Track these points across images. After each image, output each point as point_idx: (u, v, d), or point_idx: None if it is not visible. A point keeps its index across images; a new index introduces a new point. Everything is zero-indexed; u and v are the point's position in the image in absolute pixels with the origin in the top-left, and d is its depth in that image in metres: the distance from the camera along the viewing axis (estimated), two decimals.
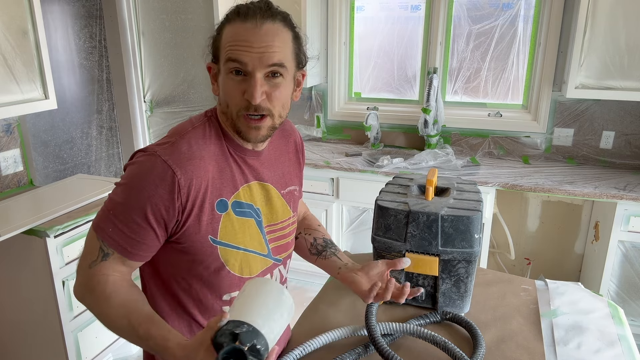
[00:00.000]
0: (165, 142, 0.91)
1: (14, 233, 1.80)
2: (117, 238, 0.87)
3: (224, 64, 0.89)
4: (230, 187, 0.95)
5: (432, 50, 2.91)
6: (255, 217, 1.00)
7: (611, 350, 1.08)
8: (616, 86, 2.35)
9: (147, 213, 0.86)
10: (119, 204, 0.87)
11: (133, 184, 0.87)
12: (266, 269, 1.05)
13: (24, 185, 2.41)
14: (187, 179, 0.87)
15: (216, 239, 0.93)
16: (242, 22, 0.87)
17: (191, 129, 0.93)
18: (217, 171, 0.92)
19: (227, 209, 0.94)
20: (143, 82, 3.19)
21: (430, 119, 2.80)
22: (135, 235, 0.87)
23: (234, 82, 0.88)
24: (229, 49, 0.87)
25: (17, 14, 1.93)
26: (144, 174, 0.86)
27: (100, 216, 0.89)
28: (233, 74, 0.88)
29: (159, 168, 0.86)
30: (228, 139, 0.96)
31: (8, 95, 1.93)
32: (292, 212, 1.10)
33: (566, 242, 2.86)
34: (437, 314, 1.19)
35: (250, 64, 0.86)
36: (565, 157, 2.79)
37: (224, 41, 0.89)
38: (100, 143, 3.01)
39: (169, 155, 0.87)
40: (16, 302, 2.06)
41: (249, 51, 0.86)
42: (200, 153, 0.90)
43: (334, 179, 2.76)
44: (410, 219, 1.16)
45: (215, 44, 0.92)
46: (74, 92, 2.79)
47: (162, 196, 0.85)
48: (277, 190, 1.05)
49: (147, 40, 3.13)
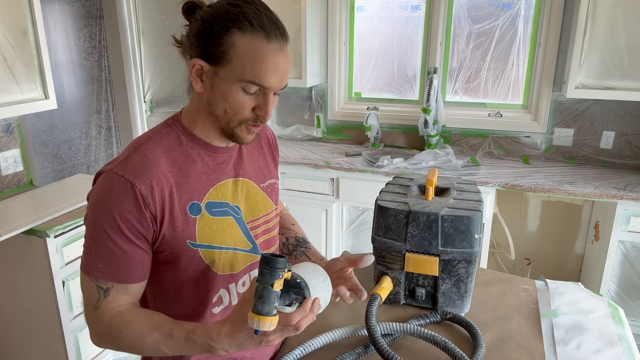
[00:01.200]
0: (117, 159, 0.90)
1: (14, 233, 1.80)
2: (109, 270, 0.86)
3: (240, 81, 0.85)
4: (201, 189, 0.94)
5: (432, 50, 2.91)
6: (234, 215, 0.99)
7: (611, 350, 1.08)
8: (616, 86, 2.35)
9: (124, 232, 0.85)
10: (96, 237, 0.86)
11: (98, 209, 0.86)
12: (251, 264, 1.05)
13: (24, 185, 2.41)
14: (147, 188, 0.86)
15: (195, 242, 0.93)
16: (267, 41, 0.84)
17: (146, 140, 0.92)
18: (181, 176, 0.91)
19: (201, 211, 0.93)
20: (143, 82, 3.19)
21: (430, 119, 2.80)
22: (124, 259, 0.86)
23: (246, 97, 0.87)
24: (252, 69, 0.84)
25: (17, 13, 1.93)
26: (106, 195, 0.86)
27: (85, 258, 0.88)
28: (247, 91, 0.86)
29: (117, 184, 0.85)
30: (195, 140, 0.95)
31: (8, 95, 1.93)
32: (274, 205, 1.10)
33: (566, 242, 2.86)
34: (437, 314, 1.19)
35: (272, 88, 0.87)
36: (565, 157, 2.79)
37: (239, 54, 0.84)
38: (99, 143, 3.01)
39: (124, 169, 0.86)
40: (16, 302, 2.06)
41: (274, 76, 0.86)
42: (156, 161, 0.89)
43: (334, 179, 2.76)
44: (410, 219, 1.16)
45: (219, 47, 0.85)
46: (74, 92, 2.79)
47: (130, 210, 0.85)
48: (257, 184, 1.05)
49: (147, 40, 3.13)
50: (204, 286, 0.97)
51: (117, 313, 0.87)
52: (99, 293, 0.87)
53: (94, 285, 0.87)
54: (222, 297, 1.01)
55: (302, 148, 3.09)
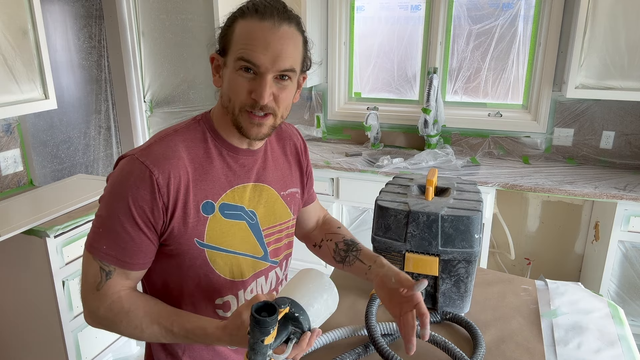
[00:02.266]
0: (143, 144, 0.92)
1: (14, 233, 1.80)
2: (113, 253, 0.86)
3: (235, 61, 0.87)
4: (217, 189, 0.93)
5: (432, 50, 2.91)
6: (247, 220, 0.98)
7: (611, 350, 1.08)
8: (616, 86, 2.35)
9: (134, 217, 0.85)
10: (106, 218, 0.87)
11: (114, 191, 0.87)
12: (260, 271, 1.03)
13: (24, 185, 2.41)
14: (165, 178, 0.86)
15: (203, 242, 0.92)
16: (260, 20, 0.85)
17: (172, 132, 0.93)
18: (200, 173, 0.91)
19: (214, 211, 0.93)
20: (143, 82, 3.19)
21: (430, 119, 2.80)
22: (130, 244, 0.86)
23: (242, 80, 0.87)
24: (243, 46, 0.85)
25: (17, 13, 1.93)
26: (124, 179, 0.86)
27: (91, 236, 0.88)
28: (242, 70, 0.87)
29: (136, 170, 0.86)
30: (219, 140, 0.95)
31: (8, 95, 1.93)
32: (292, 215, 1.09)
33: (566, 242, 2.86)
34: (437, 314, 1.19)
35: (263, 66, 0.85)
36: (565, 157, 2.79)
37: (236, 36, 0.87)
38: (98, 143, 3.01)
39: (145, 156, 0.87)
40: (16, 302, 2.06)
41: (264, 53, 0.85)
42: (179, 154, 0.89)
43: (334, 179, 2.76)
44: (410, 219, 1.16)
45: (225, 37, 0.89)
46: (73, 92, 2.79)
47: (144, 197, 0.85)
48: (277, 191, 1.04)
49: (147, 40, 3.12)
50: (207, 287, 0.96)
51: (117, 298, 0.87)
52: (102, 275, 0.87)
53: (97, 265, 0.87)
54: (230, 303, 1.00)
55: None
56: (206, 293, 0.97)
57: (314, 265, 1.21)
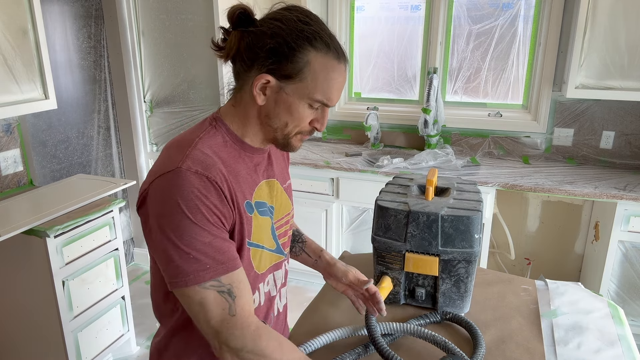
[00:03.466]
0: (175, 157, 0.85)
1: (14, 233, 1.80)
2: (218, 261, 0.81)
3: (310, 99, 0.88)
4: (249, 189, 0.94)
5: (432, 50, 2.91)
6: (271, 215, 1.01)
7: (611, 350, 1.08)
8: (616, 86, 2.35)
9: (213, 224, 0.82)
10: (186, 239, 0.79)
11: (181, 210, 0.79)
12: (275, 264, 1.06)
13: (24, 185, 2.41)
14: (222, 181, 0.85)
15: (250, 241, 0.94)
16: (338, 62, 0.89)
17: (198, 139, 0.90)
18: (234, 176, 0.91)
19: (254, 210, 0.94)
20: (143, 82, 3.19)
21: (430, 119, 2.80)
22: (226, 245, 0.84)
23: (310, 112, 0.91)
24: (326, 90, 0.88)
25: (17, 13, 1.93)
26: (185, 194, 0.80)
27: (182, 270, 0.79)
28: (312, 107, 0.90)
29: (194, 180, 0.81)
30: (237, 142, 0.95)
31: (8, 95, 1.93)
32: (292, 206, 1.13)
33: (566, 242, 2.86)
34: (437, 314, 1.19)
35: (333, 105, 0.93)
36: (565, 157, 2.79)
37: (314, 73, 0.86)
38: (97, 143, 3.01)
39: (194, 164, 0.83)
40: (16, 302, 2.06)
41: (338, 95, 0.92)
42: (214, 159, 0.88)
43: (334, 179, 2.76)
44: (410, 219, 1.16)
45: (291, 64, 0.85)
46: (71, 92, 2.79)
47: (215, 204, 0.82)
48: (281, 184, 1.07)
49: (147, 40, 3.12)
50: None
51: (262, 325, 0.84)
52: (225, 298, 0.80)
53: (212, 293, 0.80)
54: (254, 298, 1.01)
55: (302, 148, 3.09)
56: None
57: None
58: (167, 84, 3.21)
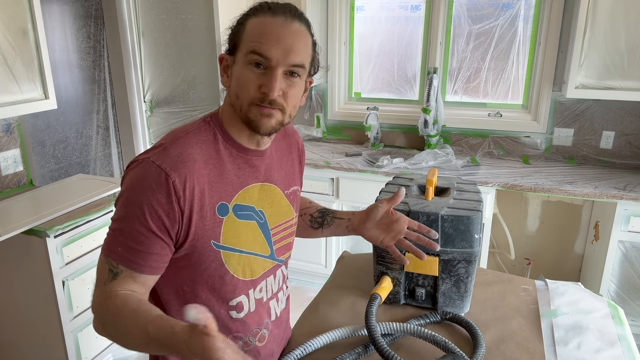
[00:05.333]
0: (156, 147, 0.90)
1: (13, 233, 1.80)
2: (124, 254, 0.85)
3: (245, 55, 0.88)
4: (231, 191, 0.94)
5: (432, 50, 2.91)
6: (257, 220, 0.99)
7: (611, 350, 1.08)
8: (616, 86, 2.35)
9: (148, 221, 0.84)
10: (120, 220, 0.86)
11: (129, 194, 0.86)
12: (269, 270, 1.05)
13: (24, 185, 2.41)
14: (181, 182, 0.85)
15: (219, 244, 0.92)
16: (272, 16, 0.88)
17: (184, 134, 0.92)
18: (215, 175, 0.91)
19: (229, 213, 0.93)
20: (143, 82, 3.19)
21: (430, 119, 2.80)
22: (142, 246, 0.85)
23: (252, 74, 0.88)
24: (255, 41, 0.87)
25: (17, 13, 1.93)
26: (139, 182, 0.85)
27: (107, 240, 0.88)
28: (253, 65, 0.88)
29: (153, 173, 0.85)
30: (230, 141, 0.95)
31: (8, 95, 1.93)
32: (295, 213, 1.10)
33: (566, 242, 2.86)
34: (437, 314, 1.19)
35: (274, 59, 0.87)
36: (565, 157, 2.79)
37: (248, 32, 0.89)
38: (96, 143, 3.01)
39: (161, 159, 0.86)
40: (16, 302, 2.06)
41: (276, 46, 0.86)
42: (193, 157, 0.89)
43: (334, 179, 2.76)
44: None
45: (236, 35, 0.91)
46: (70, 91, 2.79)
47: (160, 201, 0.84)
48: (282, 190, 1.05)
49: (147, 40, 3.13)
50: (221, 289, 0.96)
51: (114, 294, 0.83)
52: (109, 275, 0.86)
53: (106, 267, 0.86)
54: (242, 303, 1.00)
55: None
56: (220, 295, 0.97)
57: (313, 265, 1.22)
58: (167, 84, 3.21)
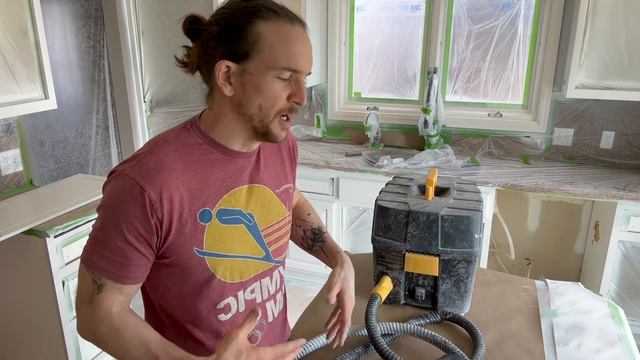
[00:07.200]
0: (134, 157, 0.89)
1: (13, 233, 1.80)
2: (105, 266, 0.85)
3: (276, 70, 0.84)
4: (214, 196, 0.92)
5: (432, 50, 2.91)
6: (246, 222, 0.98)
7: (611, 350, 1.08)
8: (616, 86, 2.35)
9: (125, 234, 0.84)
10: (99, 231, 0.86)
11: (106, 208, 0.86)
12: (263, 272, 1.03)
13: (24, 185, 2.41)
14: (156, 193, 0.84)
15: (202, 250, 0.91)
16: (292, 25, 0.85)
17: (162, 142, 0.90)
18: (195, 182, 0.90)
19: (212, 219, 0.92)
20: (143, 82, 3.19)
21: (430, 119, 2.80)
22: (121, 258, 0.85)
23: (282, 86, 0.86)
24: (287, 54, 0.84)
25: (17, 13, 1.93)
26: (115, 196, 0.85)
27: (86, 248, 0.88)
28: (281, 79, 0.86)
29: (127, 187, 0.84)
30: (213, 145, 0.93)
31: (8, 95, 1.93)
32: (287, 212, 1.09)
33: (566, 242, 2.86)
34: (437, 314, 1.19)
35: (305, 72, 0.87)
36: (565, 157, 2.79)
37: (271, 44, 0.83)
38: (95, 143, 3.01)
39: (136, 172, 0.85)
40: (16, 302, 2.06)
41: (305, 60, 0.86)
42: (170, 165, 0.87)
43: (334, 179, 2.76)
44: (410, 219, 1.16)
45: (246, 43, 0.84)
46: (70, 91, 2.79)
47: (135, 214, 0.84)
48: (272, 190, 1.04)
49: (147, 40, 3.13)
50: (208, 294, 0.96)
51: (107, 313, 0.85)
52: (94, 287, 0.86)
53: (89, 277, 0.86)
54: (230, 305, 0.99)
55: (302, 148, 3.09)
56: (208, 298, 0.96)
57: (313, 265, 1.22)
58: (167, 84, 3.21)
